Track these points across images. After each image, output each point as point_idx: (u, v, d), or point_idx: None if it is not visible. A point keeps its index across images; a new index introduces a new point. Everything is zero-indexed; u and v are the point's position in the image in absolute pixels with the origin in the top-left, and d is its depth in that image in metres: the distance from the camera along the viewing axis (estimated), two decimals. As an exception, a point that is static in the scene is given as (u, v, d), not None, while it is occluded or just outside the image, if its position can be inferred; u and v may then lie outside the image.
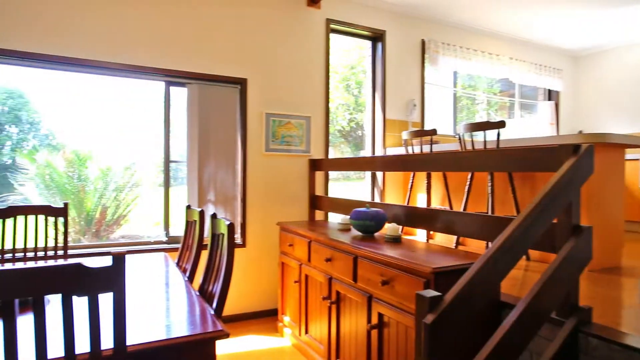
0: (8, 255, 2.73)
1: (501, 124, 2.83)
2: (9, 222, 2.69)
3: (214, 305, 1.77)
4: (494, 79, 5.93)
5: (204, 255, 2.20)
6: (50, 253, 2.80)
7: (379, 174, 4.48)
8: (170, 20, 3.44)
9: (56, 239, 2.83)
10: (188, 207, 2.67)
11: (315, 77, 4.05)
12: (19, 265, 2.42)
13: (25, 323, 1.37)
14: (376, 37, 4.51)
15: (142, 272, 2.23)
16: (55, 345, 1.11)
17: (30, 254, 2.73)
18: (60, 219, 2.86)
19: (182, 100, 3.65)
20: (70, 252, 3.06)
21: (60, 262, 1.02)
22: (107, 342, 1.14)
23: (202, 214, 2.31)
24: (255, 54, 3.77)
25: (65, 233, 2.83)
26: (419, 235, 3.97)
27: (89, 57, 3.16)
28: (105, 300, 1.15)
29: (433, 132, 3.44)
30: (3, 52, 2.92)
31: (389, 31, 4.48)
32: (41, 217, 2.79)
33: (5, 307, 0.96)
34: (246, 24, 3.73)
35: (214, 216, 2.04)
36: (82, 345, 1.14)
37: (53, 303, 1.56)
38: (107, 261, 1.07)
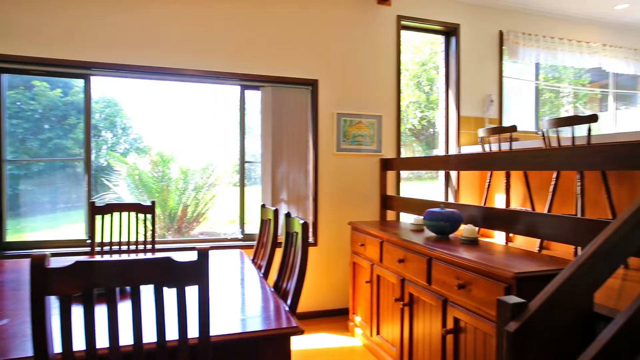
0: (106, 248, 3.03)
1: (593, 118, 2.58)
2: (107, 218, 2.97)
3: (289, 302, 1.82)
4: (582, 69, 5.43)
5: (278, 252, 2.27)
6: (140, 247, 3.06)
7: (453, 174, 4.31)
8: (244, 27, 3.59)
9: (145, 234, 3.08)
10: (263, 206, 2.77)
11: (385, 76, 4.00)
12: (115, 257, 2.67)
13: (116, 310, 1.50)
14: (449, 32, 4.34)
15: (220, 268, 2.35)
16: (148, 331, 1.21)
17: (123, 247, 3.01)
18: (149, 216, 3.11)
19: (256, 103, 3.80)
20: (156, 246, 3.31)
21: (152, 256, 1.11)
22: (190, 331, 1.21)
23: (276, 212, 2.38)
24: (326, 54, 3.81)
25: (153, 229, 3.07)
26: (497, 237, 3.76)
27: (173, 66, 3.41)
28: (191, 293, 1.23)
29: (512, 128, 3.24)
30: (102, 66, 3.25)
31: (463, 24, 4.29)
32: (132, 214, 3.06)
33: (108, 294, 1.06)
34: (316, 25, 3.79)
35: (288, 215, 2.09)
36: (170, 333, 1.22)
37: (145, 294, 1.70)
38: (191, 256, 1.14)
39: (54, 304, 1.07)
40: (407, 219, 3.79)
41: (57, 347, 1.07)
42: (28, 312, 1.56)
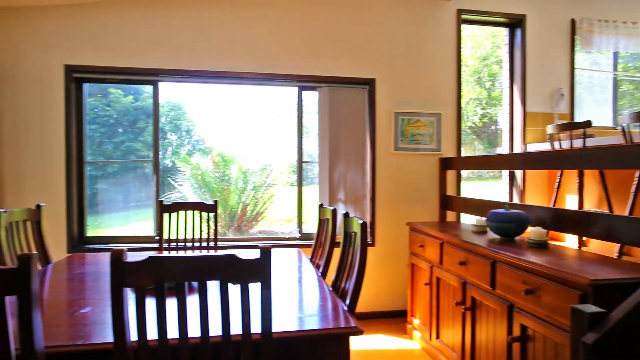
0: (172, 244, 3.20)
1: (682, 111, 2.33)
2: (173, 216, 3.14)
3: (347, 301, 1.81)
4: (669, 56, 4.93)
5: (337, 252, 2.27)
6: (204, 244, 3.20)
7: (518, 173, 4.09)
8: (302, 29, 3.64)
9: (208, 231, 3.22)
10: (320, 205, 2.79)
11: (445, 72, 3.88)
12: (181, 253, 2.82)
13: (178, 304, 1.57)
14: (514, 23, 4.12)
15: (278, 266, 2.39)
16: (213, 325, 1.26)
17: (188, 244, 3.16)
18: (211, 215, 3.25)
19: (313, 104, 3.84)
20: (218, 244, 3.44)
21: (217, 252, 1.15)
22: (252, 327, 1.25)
23: (334, 212, 2.39)
24: (383, 53, 3.77)
25: (215, 227, 3.20)
26: (568, 241, 3.51)
27: (233, 69, 3.54)
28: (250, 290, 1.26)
29: (587, 124, 3.01)
30: (169, 72, 3.45)
31: (529, 15, 4.06)
32: (196, 213, 3.21)
33: (178, 288, 1.12)
34: (373, 23, 3.76)
35: (346, 215, 2.09)
36: (233, 327, 1.27)
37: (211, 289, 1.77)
38: (254, 254, 1.18)
39: (130, 295, 1.15)
40: (468, 220, 3.65)
41: (133, 336, 1.14)
42: (107, 302, 1.69)
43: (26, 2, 3.20)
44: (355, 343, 3.18)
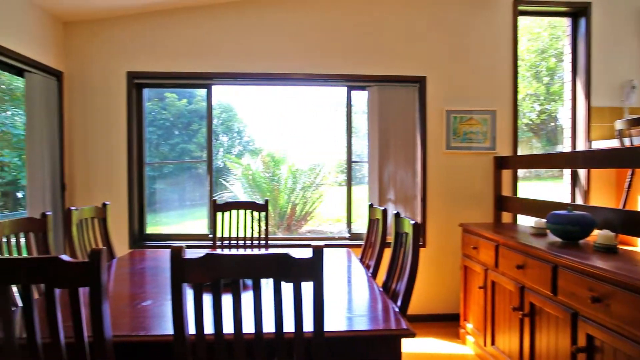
0: (225, 242, 3.30)
1: None
2: (226, 215, 3.24)
3: (399, 303, 1.78)
4: None
5: (387, 253, 2.24)
6: (255, 243, 3.27)
7: (582, 172, 3.83)
8: (350, 29, 3.63)
9: (259, 230, 3.29)
10: (370, 205, 2.76)
11: (500, 67, 3.71)
12: (233, 251, 2.90)
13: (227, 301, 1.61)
14: (577, 12, 3.87)
15: (327, 265, 2.39)
16: (267, 322, 1.28)
17: (240, 242, 3.25)
18: (262, 214, 3.31)
19: (361, 103, 3.81)
20: (269, 243, 3.51)
21: (271, 251, 1.17)
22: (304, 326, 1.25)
23: (384, 212, 2.36)
24: (434, 50, 3.67)
25: (266, 226, 3.26)
26: (640, 246, 3.25)
27: (283, 71, 3.59)
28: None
29: (661, 118, 2.77)
30: (222, 75, 3.57)
31: (595, 2, 3.79)
32: (248, 212, 3.28)
33: (233, 285, 1.15)
34: (423, 20, 3.67)
35: (397, 215, 2.06)
36: (285, 325, 1.28)
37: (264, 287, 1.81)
38: (306, 253, 1.18)
39: (187, 291, 1.19)
40: (525, 221, 3.48)
41: (191, 329, 1.19)
42: (165, 296, 1.77)
43: (97, 15, 3.43)
44: (406, 346, 3.12)
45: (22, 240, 2.02)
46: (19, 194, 6.13)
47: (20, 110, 5.61)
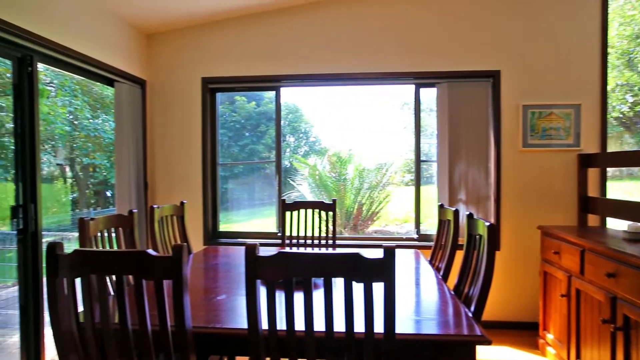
0: (293, 241, 3.36)
1: None
2: (295, 214, 3.30)
3: (472, 308, 1.70)
4: None
5: (459, 255, 2.15)
6: (322, 242, 3.30)
7: (685, 170, 3.41)
8: (416, 22, 3.53)
9: (327, 230, 3.31)
10: (441, 206, 2.67)
11: (585, 56, 3.40)
12: (301, 250, 2.95)
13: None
14: (679, -8, 3.45)
15: (396, 267, 2.35)
16: (337, 321, 1.28)
17: (308, 242, 3.29)
18: (330, 214, 3.33)
19: (429, 101, 3.70)
20: (336, 242, 3.52)
21: (342, 251, 1.17)
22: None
23: (456, 213, 2.27)
24: (508, 41, 3.46)
25: (334, 226, 3.28)
26: None
27: (349, 71, 3.59)
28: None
29: None
30: (290, 77, 3.67)
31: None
32: (315, 211, 3.32)
33: (305, 283, 1.17)
34: (495, 10, 3.47)
35: (470, 216, 1.97)
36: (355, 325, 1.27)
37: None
38: (377, 253, 1.16)
39: (260, 288, 1.23)
40: (615, 225, 3.16)
41: (264, 324, 1.22)
42: (237, 291, 1.84)
43: (175, 26, 3.67)
44: (480, 353, 2.97)
45: (113, 235, 2.21)
46: (108, 193, 6.76)
47: (110, 117, 6.18)
